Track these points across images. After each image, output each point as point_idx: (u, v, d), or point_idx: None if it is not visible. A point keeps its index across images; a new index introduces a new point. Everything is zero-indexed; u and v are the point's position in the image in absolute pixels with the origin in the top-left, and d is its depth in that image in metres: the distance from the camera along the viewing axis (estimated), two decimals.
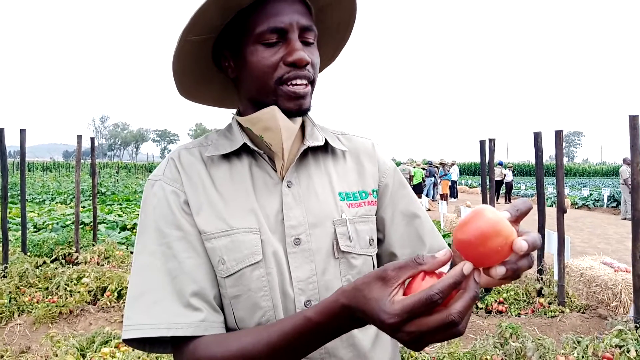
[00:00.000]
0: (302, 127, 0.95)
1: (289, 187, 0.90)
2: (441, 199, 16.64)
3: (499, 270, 0.58)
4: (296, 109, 0.87)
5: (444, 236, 7.82)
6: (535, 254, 5.12)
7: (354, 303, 0.64)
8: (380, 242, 0.98)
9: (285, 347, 0.72)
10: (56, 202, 15.45)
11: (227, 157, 0.91)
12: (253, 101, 0.90)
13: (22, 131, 5.47)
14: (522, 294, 4.86)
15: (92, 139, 6.76)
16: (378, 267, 0.99)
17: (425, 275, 0.60)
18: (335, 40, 1.01)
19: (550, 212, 5.24)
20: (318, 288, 0.86)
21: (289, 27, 0.84)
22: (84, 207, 11.71)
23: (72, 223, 8.37)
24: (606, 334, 3.29)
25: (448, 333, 0.57)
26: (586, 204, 17.39)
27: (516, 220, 0.61)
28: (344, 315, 0.66)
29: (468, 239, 0.57)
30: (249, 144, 0.89)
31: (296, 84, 0.85)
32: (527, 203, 0.62)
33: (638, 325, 3.46)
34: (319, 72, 1.07)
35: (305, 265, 0.87)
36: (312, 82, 0.88)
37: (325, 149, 0.97)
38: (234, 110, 0.99)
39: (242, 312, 0.84)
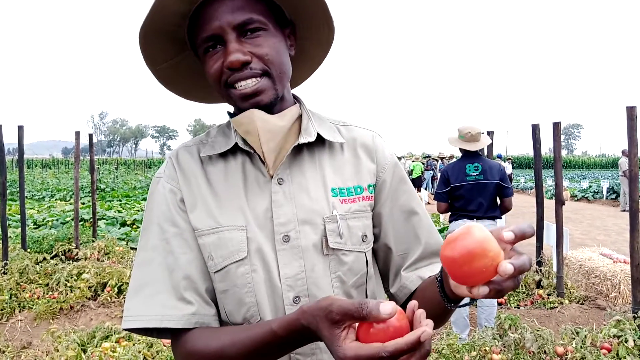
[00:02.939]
0: (301, 119, 0.93)
1: (279, 184, 0.89)
2: None
3: (481, 290, 0.59)
4: (254, 106, 0.85)
5: (441, 230, 7.82)
6: (534, 246, 5.15)
7: (313, 327, 0.67)
8: (376, 237, 0.96)
9: (256, 352, 0.77)
10: (56, 199, 15.47)
11: (223, 155, 0.92)
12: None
13: (20, 127, 5.48)
14: (521, 285, 4.88)
15: (91, 135, 6.75)
16: (375, 261, 0.97)
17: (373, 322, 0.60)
18: (320, 18, 0.90)
19: (550, 204, 5.24)
20: (307, 284, 0.86)
21: (219, 31, 0.81)
22: (83, 203, 11.72)
23: (72, 219, 8.38)
24: (604, 325, 3.30)
25: None
26: (585, 196, 17.40)
27: (513, 241, 0.61)
28: (305, 333, 0.69)
29: (453, 257, 0.58)
30: (240, 143, 0.90)
31: (241, 85, 0.84)
32: (533, 229, 0.62)
33: (636, 316, 3.47)
34: (326, 54, 0.98)
35: (294, 262, 0.87)
36: (266, 74, 0.84)
37: (322, 142, 0.94)
38: (232, 109, 0.97)
39: (230, 306, 0.87)
